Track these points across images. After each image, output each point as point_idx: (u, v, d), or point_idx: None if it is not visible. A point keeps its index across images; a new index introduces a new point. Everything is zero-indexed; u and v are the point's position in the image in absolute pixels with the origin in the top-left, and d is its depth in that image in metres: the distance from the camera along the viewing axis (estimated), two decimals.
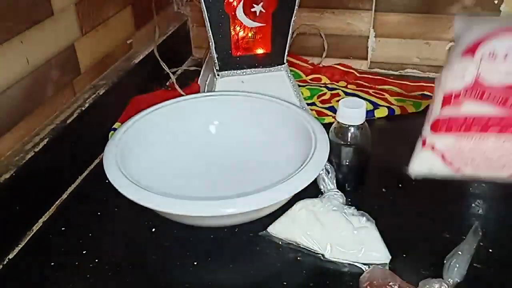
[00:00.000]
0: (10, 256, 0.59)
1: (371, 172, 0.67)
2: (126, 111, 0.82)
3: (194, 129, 0.73)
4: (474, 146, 0.53)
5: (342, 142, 0.63)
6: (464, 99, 0.54)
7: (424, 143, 0.56)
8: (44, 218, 0.64)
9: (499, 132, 0.52)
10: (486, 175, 0.54)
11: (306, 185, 0.56)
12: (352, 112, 0.62)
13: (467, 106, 0.54)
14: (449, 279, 0.51)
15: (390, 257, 0.55)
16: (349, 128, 0.62)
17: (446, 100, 0.55)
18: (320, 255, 0.56)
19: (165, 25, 1.00)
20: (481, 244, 0.56)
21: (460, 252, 0.53)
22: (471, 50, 0.54)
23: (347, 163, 0.64)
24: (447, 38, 0.93)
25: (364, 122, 0.63)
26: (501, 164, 0.53)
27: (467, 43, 0.55)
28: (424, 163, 0.56)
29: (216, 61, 0.76)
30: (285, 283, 0.54)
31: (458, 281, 0.51)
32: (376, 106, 0.85)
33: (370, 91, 0.90)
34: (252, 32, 0.76)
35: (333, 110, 0.84)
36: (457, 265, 0.52)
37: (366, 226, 0.57)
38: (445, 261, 0.53)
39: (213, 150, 0.72)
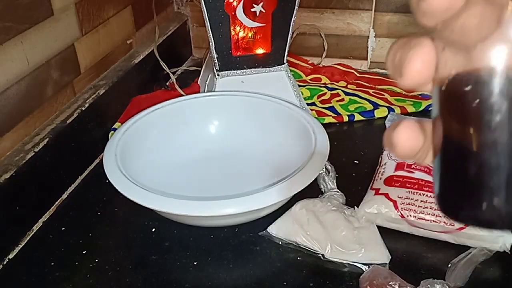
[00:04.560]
0: (10, 256, 0.59)
1: (370, 172, 0.67)
2: (126, 111, 0.82)
3: (194, 129, 0.73)
4: (426, 199, 0.57)
5: None
6: (415, 169, 0.61)
7: (377, 192, 0.59)
8: (44, 218, 0.64)
9: None
10: (432, 229, 0.57)
11: (306, 185, 0.56)
12: None
13: (418, 173, 0.60)
14: (451, 282, 0.50)
15: (390, 257, 0.55)
16: None
17: (399, 165, 0.62)
18: (320, 255, 0.56)
19: (165, 25, 0.99)
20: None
21: (466, 258, 0.52)
22: None
23: None
24: None
25: None
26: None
27: None
28: (375, 205, 0.58)
29: (216, 61, 0.76)
30: (285, 283, 0.54)
31: (460, 285, 0.50)
32: (376, 106, 0.85)
33: (370, 91, 0.90)
34: (252, 32, 0.76)
35: (333, 110, 0.84)
36: (462, 271, 0.51)
37: (366, 226, 0.57)
38: (449, 265, 0.52)
39: (213, 150, 0.72)
